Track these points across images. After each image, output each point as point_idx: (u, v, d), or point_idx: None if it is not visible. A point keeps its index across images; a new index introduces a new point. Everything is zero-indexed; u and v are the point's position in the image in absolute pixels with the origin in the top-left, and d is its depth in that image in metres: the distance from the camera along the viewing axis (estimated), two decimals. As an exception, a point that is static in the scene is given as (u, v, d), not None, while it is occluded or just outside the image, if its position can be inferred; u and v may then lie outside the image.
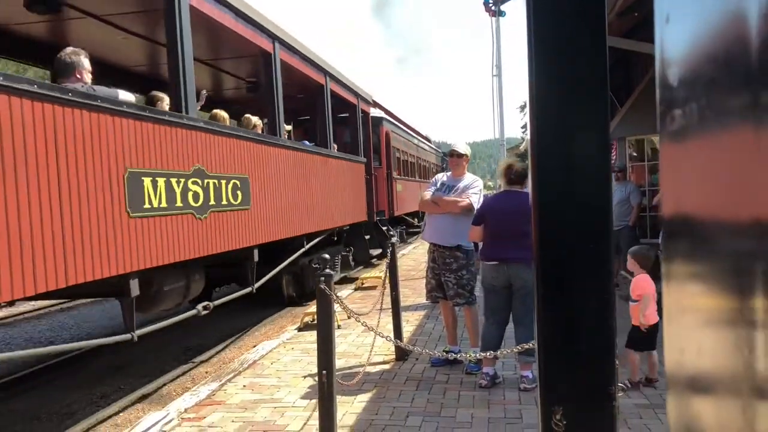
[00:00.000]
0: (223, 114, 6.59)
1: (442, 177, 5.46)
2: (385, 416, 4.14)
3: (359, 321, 3.91)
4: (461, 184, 5.22)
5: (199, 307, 5.43)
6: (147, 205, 4.51)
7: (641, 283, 4.42)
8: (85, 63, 4.40)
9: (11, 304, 7.14)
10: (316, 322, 3.73)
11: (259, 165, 6.61)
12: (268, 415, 4.28)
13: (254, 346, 6.53)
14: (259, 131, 7.36)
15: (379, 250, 12.38)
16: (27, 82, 3.42)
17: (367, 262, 12.83)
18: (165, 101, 5.31)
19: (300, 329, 6.85)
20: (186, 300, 5.77)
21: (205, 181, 5.36)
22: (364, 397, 4.52)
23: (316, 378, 3.52)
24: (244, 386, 4.94)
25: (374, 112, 13.45)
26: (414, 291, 8.74)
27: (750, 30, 0.40)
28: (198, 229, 5.21)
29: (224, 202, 5.70)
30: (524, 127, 42.22)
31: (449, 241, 5.12)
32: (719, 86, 0.46)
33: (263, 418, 4.21)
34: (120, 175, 4.23)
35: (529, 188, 1.64)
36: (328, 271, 3.50)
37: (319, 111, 9.33)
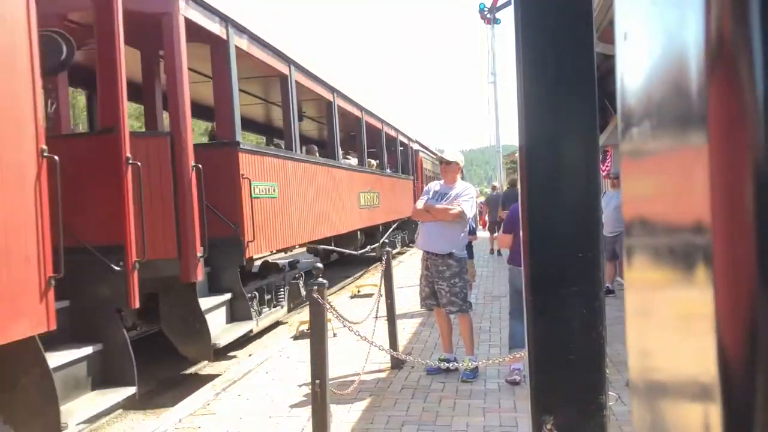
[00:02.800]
0: (372, 161, 13.87)
1: (434, 185, 5.45)
2: (380, 425, 4.11)
3: (352, 330, 3.89)
4: (453, 192, 5.21)
5: (368, 247, 12.98)
6: (360, 204, 11.81)
7: None
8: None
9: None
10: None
11: (381, 185, 13.93)
12: (262, 424, 4.25)
13: (249, 355, 6.50)
14: (374, 167, 13.99)
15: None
16: (328, 160, 10.25)
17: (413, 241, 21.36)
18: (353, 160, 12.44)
19: (295, 337, 6.81)
20: (358, 245, 12.49)
21: (371, 194, 12.74)
22: (359, 406, 4.49)
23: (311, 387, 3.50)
24: (239, 395, 4.91)
25: (414, 145, 20.67)
26: (410, 298, 8.72)
27: (689, 60, 0.42)
28: (368, 214, 12.54)
29: (374, 203, 13.08)
30: (520, 134, 42.88)
31: (442, 249, 5.12)
32: (664, 109, 0.48)
33: (257, 428, 4.19)
34: (357, 193, 11.65)
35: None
36: (321, 280, 3.48)
37: (393, 152, 16.89)
